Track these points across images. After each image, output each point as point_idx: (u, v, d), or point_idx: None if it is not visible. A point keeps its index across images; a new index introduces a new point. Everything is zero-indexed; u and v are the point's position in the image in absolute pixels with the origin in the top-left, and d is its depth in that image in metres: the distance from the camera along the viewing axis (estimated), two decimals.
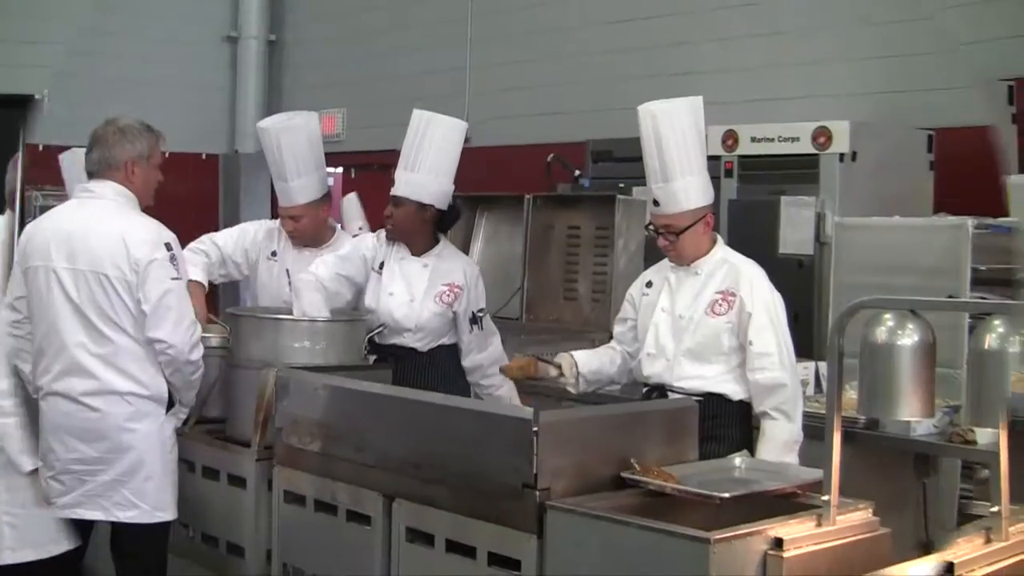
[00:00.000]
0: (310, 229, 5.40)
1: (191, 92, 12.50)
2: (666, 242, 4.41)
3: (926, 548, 4.76)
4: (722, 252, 4.45)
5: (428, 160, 5.04)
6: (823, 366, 5.28)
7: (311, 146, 5.39)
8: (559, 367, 4.59)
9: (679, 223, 4.35)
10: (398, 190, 5.06)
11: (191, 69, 12.62)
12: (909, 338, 2.97)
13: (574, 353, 4.67)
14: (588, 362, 4.63)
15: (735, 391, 4.29)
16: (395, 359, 4.87)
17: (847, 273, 6.03)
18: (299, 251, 5.40)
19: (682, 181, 4.30)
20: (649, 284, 4.57)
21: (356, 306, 5.09)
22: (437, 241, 5.19)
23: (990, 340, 2.84)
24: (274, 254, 5.41)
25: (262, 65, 12.99)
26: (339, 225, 5.77)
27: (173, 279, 4.21)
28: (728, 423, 4.26)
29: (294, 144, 5.32)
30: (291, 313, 4.79)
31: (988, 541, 2.94)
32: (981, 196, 6.92)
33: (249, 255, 5.46)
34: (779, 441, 4.19)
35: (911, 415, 3.02)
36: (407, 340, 5.03)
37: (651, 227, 4.47)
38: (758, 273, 4.39)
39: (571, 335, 6.46)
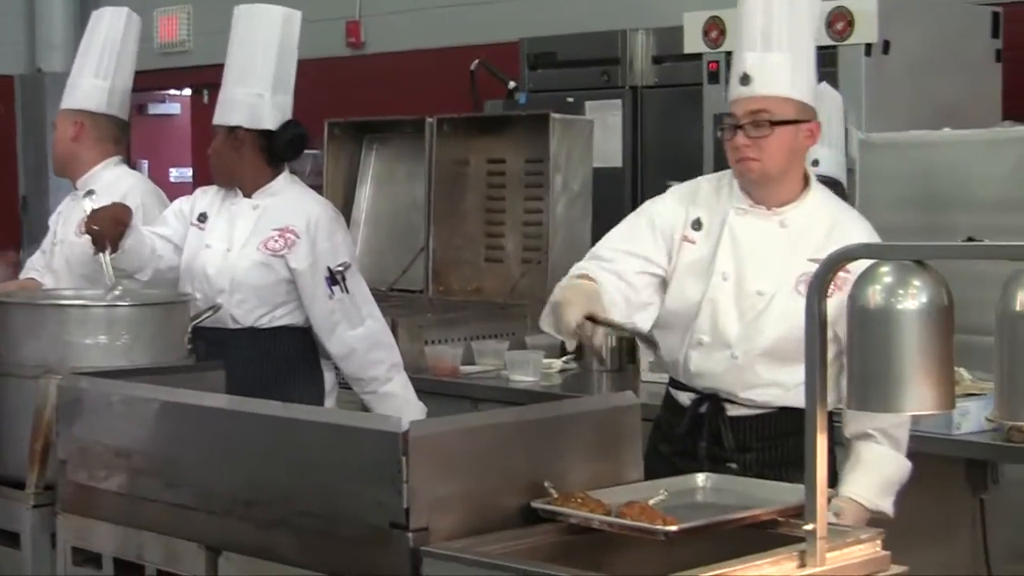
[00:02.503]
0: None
1: None
2: (747, 141, 4.11)
3: None
4: (820, 196, 4.28)
5: (235, 68, 5.22)
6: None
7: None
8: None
9: (777, 111, 4.12)
10: (226, 119, 5.26)
11: None
12: (914, 300, 2.96)
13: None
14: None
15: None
16: (209, 345, 4.88)
17: (877, 211, 5.99)
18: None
19: (792, 55, 4.14)
20: (698, 224, 4.29)
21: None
22: (275, 176, 5.29)
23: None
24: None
25: None
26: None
27: None
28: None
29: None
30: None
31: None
32: None
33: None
34: (880, 475, 4.09)
35: (920, 408, 3.02)
36: (224, 313, 5.11)
37: (728, 120, 4.18)
38: (864, 231, 4.20)
39: (495, 311, 6.49)
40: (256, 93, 5.18)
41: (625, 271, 4.24)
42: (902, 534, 3.61)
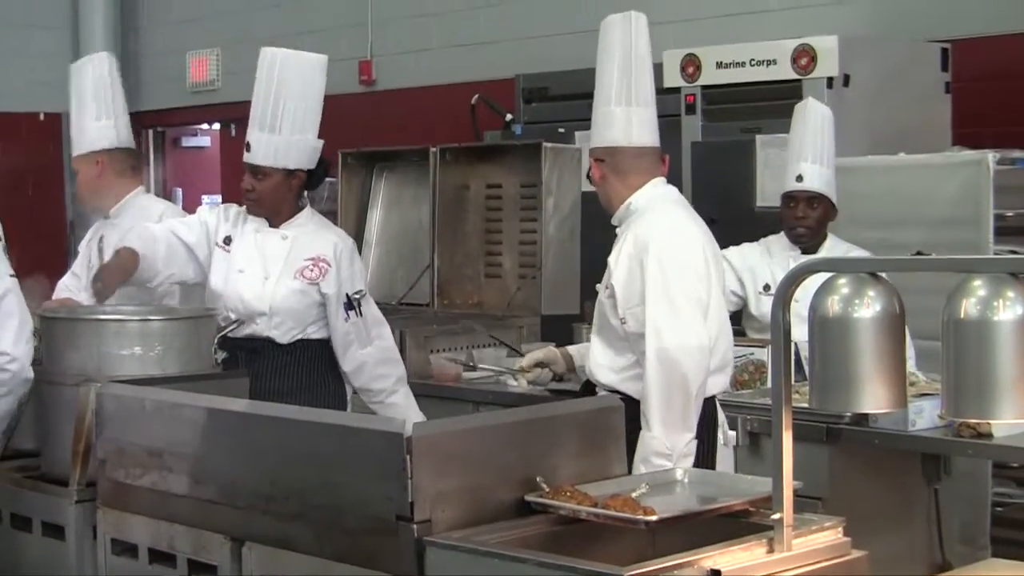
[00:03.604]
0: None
1: (21, 34, 12.41)
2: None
3: (941, 570, 4.80)
4: (638, 199, 4.49)
5: (291, 114, 5.06)
6: (806, 346, 5.32)
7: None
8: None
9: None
10: (258, 158, 5.09)
11: (17, 4, 12.51)
12: (868, 308, 2.96)
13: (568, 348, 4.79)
14: (581, 353, 4.72)
15: (639, 390, 4.31)
16: (247, 354, 4.92)
17: (839, 228, 6.05)
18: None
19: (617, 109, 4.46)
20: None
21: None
22: (301, 209, 5.24)
23: (967, 306, 2.82)
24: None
25: None
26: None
27: (11, 276, 4.31)
28: (637, 430, 4.24)
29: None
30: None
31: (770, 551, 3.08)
32: (1015, 123, 6.97)
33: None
34: (635, 458, 4.19)
35: (875, 406, 3.02)
36: (261, 328, 5.08)
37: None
38: (646, 221, 4.39)
39: (494, 323, 6.47)
40: (311, 137, 5.10)
41: None
42: (863, 521, 3.60)
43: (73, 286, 5.75)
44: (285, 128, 5.04)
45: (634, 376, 4.31)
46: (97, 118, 5.82)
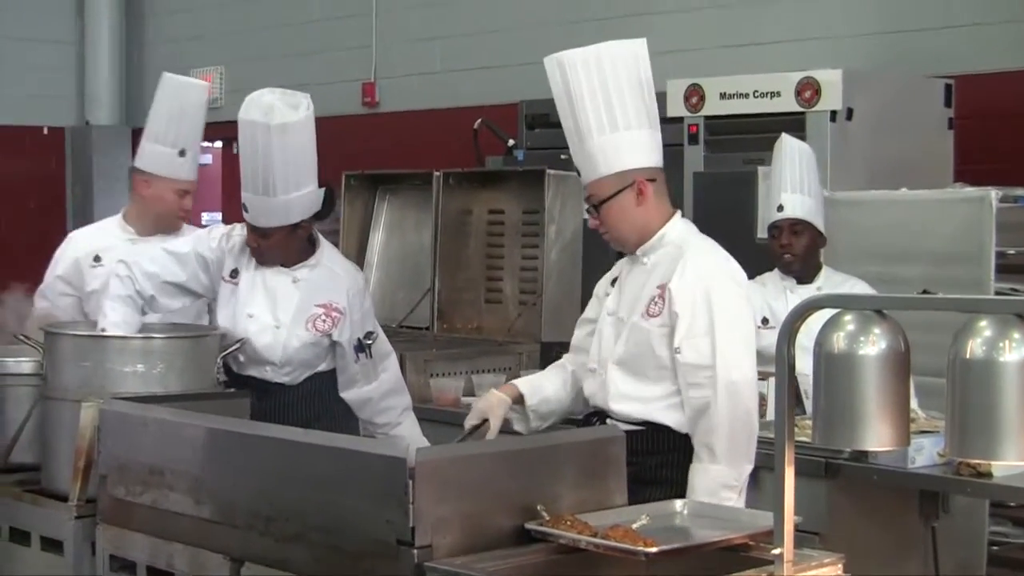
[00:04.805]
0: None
1: (26, 48, 12.42)
2: (594, 221, 4.39)
3: None
4: (674, 230, 4.37)
5: (283, 177, 4.78)
6: (806, 380, 5.32)
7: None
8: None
9: (599, 192, 4.31)
10: (258, 220, 4.87)
11: (24, 18, 12.52)
12: (874, 346, 2.96)
13: (517, 382, 4.61)
14: (535, 390, 4.54)
15: (681, 421, 4.26)
16: (257, 392, 4.77)
17: (841, 262, 6.06)
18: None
19: (599, 139, 4.25)
20: (615, 281, 4.50)
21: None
22: (313, 246, 5.05)
23: (973, 347, 2.81)
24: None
25: (117, 12, 12.94)
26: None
27: None
28: (674, 462, 4.20)
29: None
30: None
31: None
32: (1018, 160, 6.99)
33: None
34: (698, 490, 4.11)
35: (878, 445, 3.01)
36: (271, 375, 4.97)
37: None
38: (702, 255, 4.31)
39: (494, 348, 6.46)
40: (310, 190, 4.86)
41: (585, 344, 4.51)
42: (860, 557, 3.61)
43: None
44: (280, 190, 4.77)
45: (670, 406, 4.23)
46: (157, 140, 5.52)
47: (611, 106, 4.24)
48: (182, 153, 5.35)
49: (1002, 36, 7.40)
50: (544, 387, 4.54)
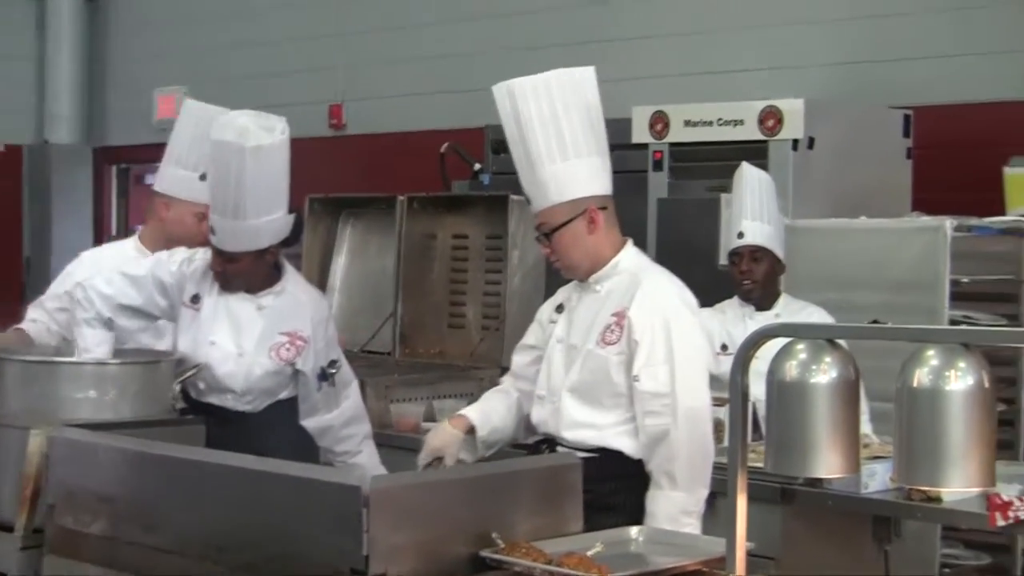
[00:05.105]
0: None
1: None
2: (545, 249, 4.40)
3: None
4: (627, 259, 4.39)
5: (257, 200, 4.71)
6: (762, 406, 5.34)
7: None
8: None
9: (550, 220, 4.32)
10: (225, 244, 4.79)
11: None
12: (825, 375, 2.97)
13: (466, 412, 4.59)
14: (485, 420, 4.53)
15: (635, 447, 4.26)
16: (215, 422, 4.69)
17: (800, 290, 6.08)
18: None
19: (550, 167, 4.26)
20: (560, 308, 4.52)
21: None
22: (279, 273, 4.99)
23: (920, 376, 2.83)
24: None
25: (79, 29, 12.85)
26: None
27: None
28: (628, 488, 4.22)
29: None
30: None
31: None
32: (974, 191, 7.02)
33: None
34: (658, 517, 4.13)
35: (828, 472, 3.02)
36: (231, 403, 4.90)
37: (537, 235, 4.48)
38: (659, 283, 4.34)
39: (456, 373, 6.45)
40: (280, 215, 4.78)
41: (526, 372, 4.58)
42: None
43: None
44: (250, 214, 4.69)
45: (624, 432, 4.25)
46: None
47: (561, 134, 4.25)
48: (203, 177, 5.18)
49: (959, 69, 7.48)
50: (492, 417, 4.54)
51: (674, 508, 4.17)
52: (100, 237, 12.68)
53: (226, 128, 4.70)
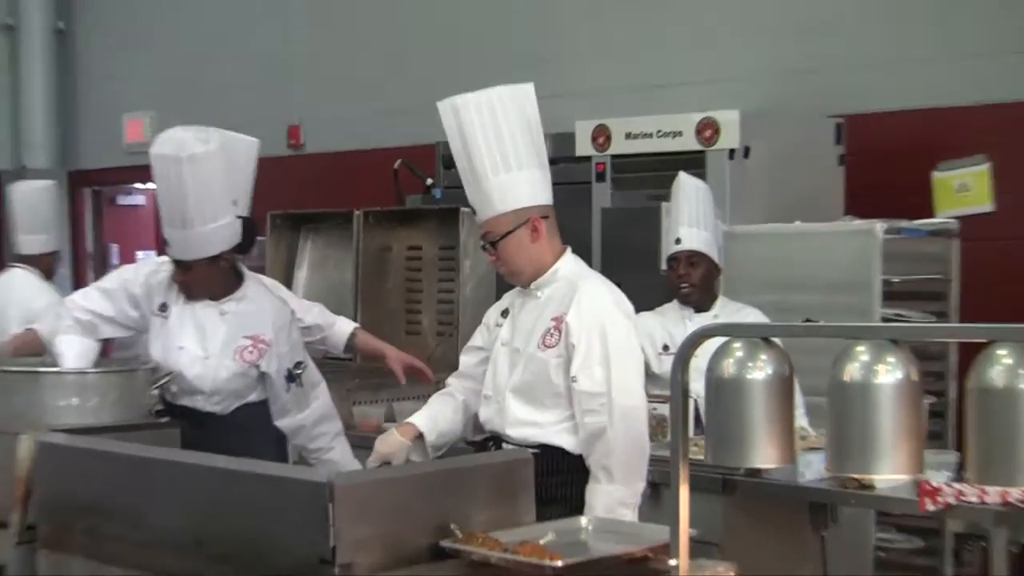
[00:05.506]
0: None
1: None
2: (491, 257, 4.51)
3: None
4: (566, 266, 4.51)
5: (200, 207, 4.79)
6: (703, 402, 5.43)
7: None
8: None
9: (496, 229, 4.43)
10: (176, 253, 4.90)
11: None
12: (760, 371, 3.05)
13: (414, 420, 4.69)
14: (432, 426, 4.65)
15: (575, 444, 4.38)
16: (190, 424, 4.82)
17: (739, 293, 6.17)
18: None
19: (494, 179, 4.37)
20: (505, 312, 4.64)
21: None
22: (240, 279, 5.10)
23: (851, 370, 2.92)
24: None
25: (49, 59, 12.85)
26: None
27: None
28: (570, 482, 4.35)
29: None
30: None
31: None
32: (904, 195, 7.13)
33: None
34: (597, 508, 4.24)
35: (764, 462, 3.11)
36: (201, 404, 5.03)
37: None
38: (595, 289, 4.45)
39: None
40: (227, 221, 4.89)
41: (473, 372, 4.70)
42: (756, 566, 3.69)
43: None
44: (197, 222, 4.80)
45: (564, 430, 4.38)
46: None
47: (504, 147, 4.35)
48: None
49: (888, 78, 7.50)
50: (439, 421, 4.66)
51: (612, 500, 4.29)
52: (77, 257, 12.74)
53: (165, 143, 4.84)
